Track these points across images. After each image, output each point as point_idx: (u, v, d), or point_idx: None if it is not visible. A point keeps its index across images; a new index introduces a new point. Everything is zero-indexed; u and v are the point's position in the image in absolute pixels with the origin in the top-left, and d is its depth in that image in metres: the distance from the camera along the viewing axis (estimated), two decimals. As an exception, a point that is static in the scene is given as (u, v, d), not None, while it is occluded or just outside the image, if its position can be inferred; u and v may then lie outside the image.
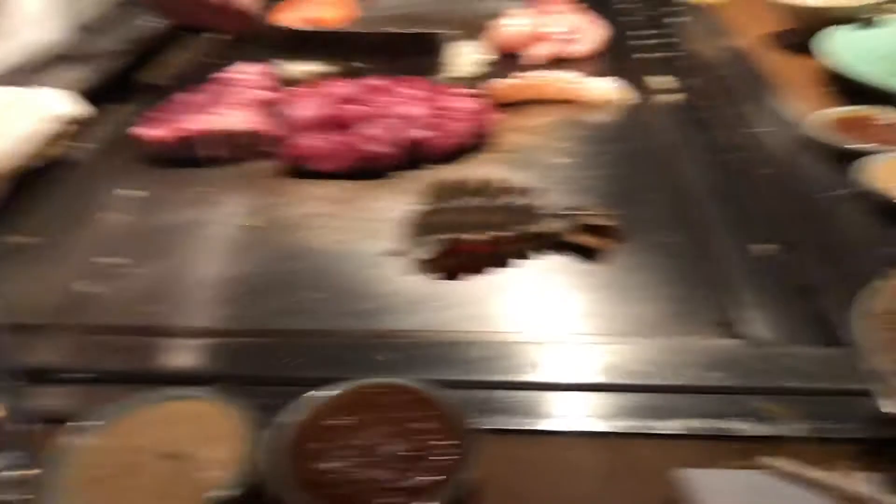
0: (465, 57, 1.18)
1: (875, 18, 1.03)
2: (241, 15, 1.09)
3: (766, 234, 0.71)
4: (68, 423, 0.46)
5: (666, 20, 1.20)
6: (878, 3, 1.03)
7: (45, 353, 0.60)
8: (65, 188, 0.89)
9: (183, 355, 0.59)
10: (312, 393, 0.47)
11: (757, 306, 0.62)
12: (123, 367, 0.58)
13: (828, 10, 1.02)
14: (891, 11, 1.07)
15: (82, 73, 1.07)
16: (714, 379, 0.53)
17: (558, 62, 1.18)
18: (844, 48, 0.96)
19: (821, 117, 0.80)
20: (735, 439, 0.49)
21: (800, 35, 1.07)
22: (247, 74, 1.04)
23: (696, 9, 1.22)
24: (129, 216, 0.84)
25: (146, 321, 0.67)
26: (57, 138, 0.90)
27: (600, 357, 0.56)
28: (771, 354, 0.55)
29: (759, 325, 0.61)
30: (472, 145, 0.94)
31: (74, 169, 0.92)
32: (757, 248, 0.69)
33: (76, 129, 0.91)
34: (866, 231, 0.66)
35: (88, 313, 0.69)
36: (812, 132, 0.78)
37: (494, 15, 1.26)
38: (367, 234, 0.79)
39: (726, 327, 0.62)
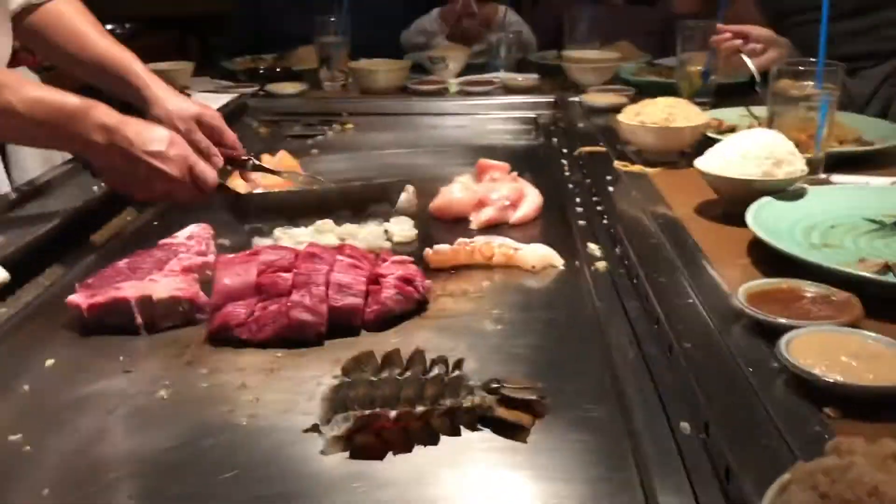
0: (400, 223, 1.20)
1: (799, 190, 1.07)
2: (201, 184, 1.10)
3: (689, 410, 0.69)
4: None
5: (601, 188, 1.24)
6: (802, 176, 1.08)
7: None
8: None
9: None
10: None
11: (676, 491, 0.60)
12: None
13: (754, 181, 1.06)
14: (813, 183, 1.12)
15: (18, 235, 1.06)
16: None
17: (498, 227, 1.21)
18: (769, 219, 0.99)
19: (747, 289, 0.81)
20: None
21: (728, 205, 1.10)
22: (182, 241, 1.04)
23: (630, 177, 1.27)
24: (41, 387, 0.81)
25: (34, 508, 0.63)
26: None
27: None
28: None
29: (677, 511, 0.58)
30: (405, 311, 0.93)
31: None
32: (679, 427, 0.67)
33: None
34: (789, 411, 0.65)
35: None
36: (738, 305, 0.79)
37: (442, 179, 1.30)
38: (287, 408, 0.76)
39: (646, 514, 0.60)
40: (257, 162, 1.30)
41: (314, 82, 2.12)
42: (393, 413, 0.70)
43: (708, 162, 1.11)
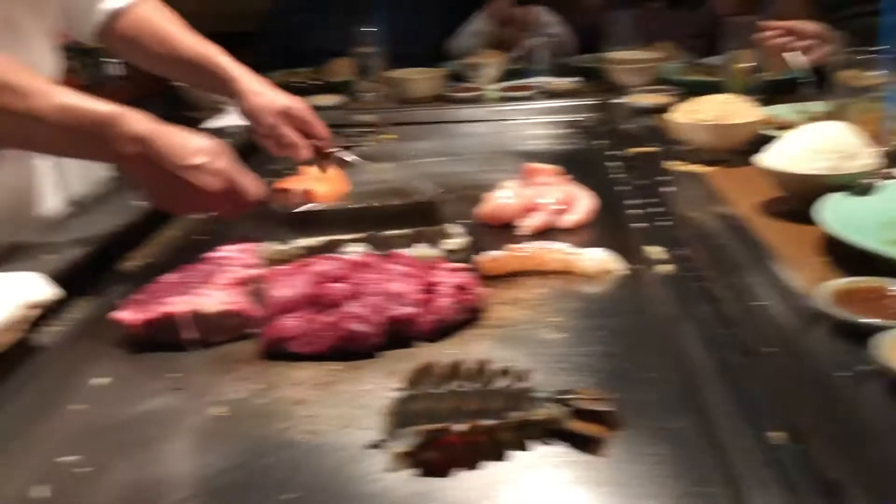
0: (453, 231, 1.16)
1: (870, 185, 1.02)
2: (244, 199, 1.02)
3: (776, 419, 0.65)
4: None
5: (657, 189, 1.19)
6: (872, 170, 1.03)
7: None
8: (27, 377, 0.84)
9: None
10: None
11: (775, 505, 0.56)
12: None
13: (822, 177, 1.01)
14: (885, 178, 1.06)
15: (64, 255, 1.05)
16: None
17: (549, 233, 1.17)
18: (841, 216, 0.94)
19: (826, 289, 0.77)
20: None
21: (794, 202, 1.05)
22: (230, 254, 1.02)
23: (686, 177, 1.22)
24: (94, 407, 0.79)
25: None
26: (21, 323, 0.86)
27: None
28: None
29: (776, 528, 0.54)
30: (461, 321, 0.90)
31: (37, 356, 0.87)
32: (768, 437, 0.63)
33: (40, 313, 0.88)
34: (890, 415, 0.61)
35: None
36: (820, 305, 0.74)
37: (485, 186, 1.27)
38: (346, 424, 0.73)
39: (741, 531, 0.56)
40: (345, 157, 1.25)
41: (351, 94, 2.11)
42: (462, 428, 0.66)
43: (772, 158, 1.06)
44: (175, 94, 1.75)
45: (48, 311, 0.91)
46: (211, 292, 0.92)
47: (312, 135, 1.18)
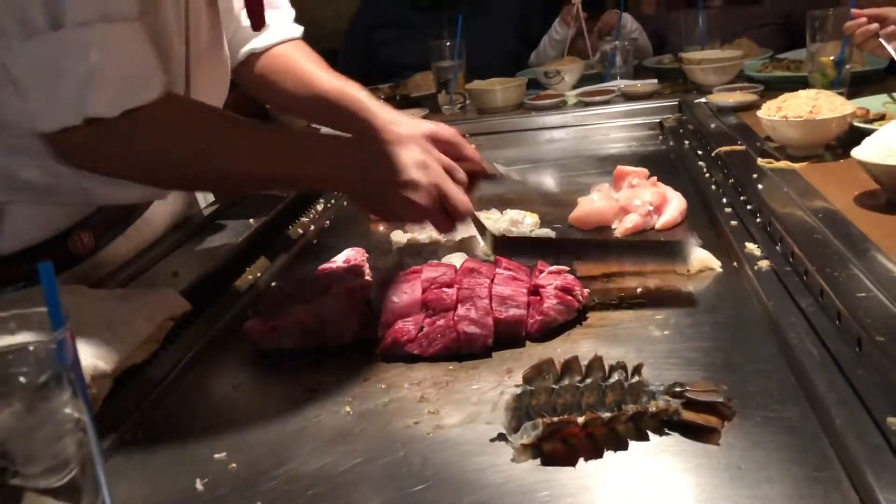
0: (544, 234, 1.20)
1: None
2: (453, 214, 0.99)
3: (892, 406, 0.66)
4: None
5: (748, 187, 1.21)
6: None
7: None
8: (169, 383, 0.91)
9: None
10: None
11: (894, 487, 0.58)
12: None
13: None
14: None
15: (191, 271, 1.13)
16: (864, 574, 0.48)
17: (642, 234, 1.20)
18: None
19: (930, 277, 0.78)
20: None
21: (892, 194, 1.05)
22: (341, 263, 1.09)
23: (778, 174, 1.23)
24: (231, 409, 0.86)
25: (254, 519, 0.66)
26: (157, 335, 0.94)
27: (731, 550, 0.52)
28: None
29: (901, 508, 0.56)
30: (566, 321, 0.94)
31: (176, 364, 0.95)
32: (887, 422, 0.64)
33: (173, 324, 0.95)
34: None
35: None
36: (924, 294, 0.76)
37: (574, 191, 1.30)
38: (468, 419, 0.78)
39: (865, 512, 0.58)
40: (498, 171, 1.16)
41: (433, 107, 2.17)
42: (581, 419, 0.70)
43: (868, 152, 1.07)
44: (270, 118, 1.83)
45: (183, 323, 0.99)
46: (328, 301, 0.98)
47: (462, 157, 1.09)
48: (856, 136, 1.20)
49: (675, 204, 1.23)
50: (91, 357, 0.81)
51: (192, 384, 0.92)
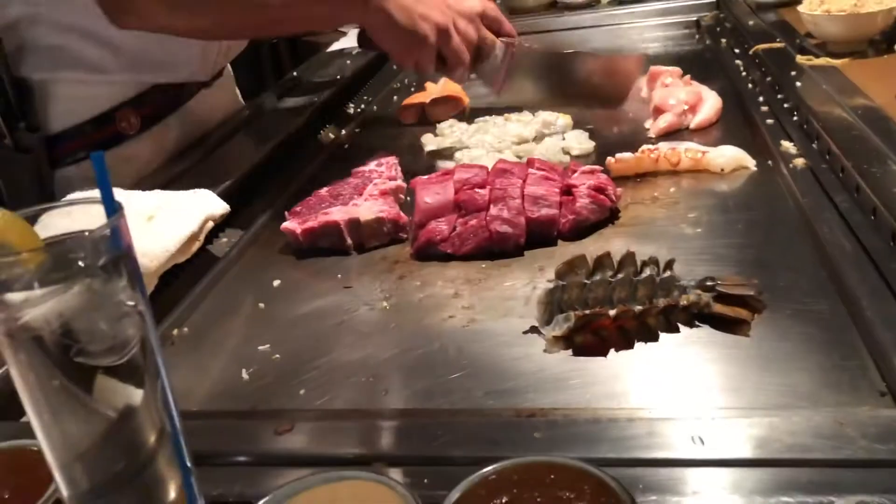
0: (577, 136, 1.20)
1: None
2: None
3: (923, 298, 0.67)
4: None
5: (787, 85, 1.18)
6: None
7: (205, 439, 0.63)
8: (210, 281, 0.94)
9: (337, 437, 0.61)
10: (480, 471, 0.47)
11: (924, 373, 0.59)
12: (281, 450, 0.60)
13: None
14: None
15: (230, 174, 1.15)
16: (886, 452, 0.50)
17: (677, 134, 1.19)
18: None
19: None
20: (919, 517, 0.46)
21: (935, 90, 1.03)
22: (374, 167, 1.09)
23: (818, 71, 1.20)
24: (271, 305, 0.89)
25: (298, 405, 0.70)
26: (199, 235, 0.96)
27: (757, 430, 0.54)
28: (948, 424, 0.52)
29: (927, 394, 0.57)
30: (599, 220, 0.94)
31: (218, 264, 0.98)
32: (916, 313, 0.65)
33: (214, 225, 0.98)
34: None
35: (241, 399, 0.72)
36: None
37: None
38: (501, 314, 0.80)
39: (891, 397, 0.59)
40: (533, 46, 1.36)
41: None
42: (612, 312, 0.72)
43: (913, 45, 1.03)
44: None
45: (221, 224, 1.01)
46: (363, 202, 1.00)
47: (501, 33, 1.27)
48: (901, 30, 1.16)
49: (710, 103, 1.21)
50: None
51: (233, 281, 0.96)
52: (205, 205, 0.97)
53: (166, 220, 0.93)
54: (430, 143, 1.29)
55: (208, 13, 1.10)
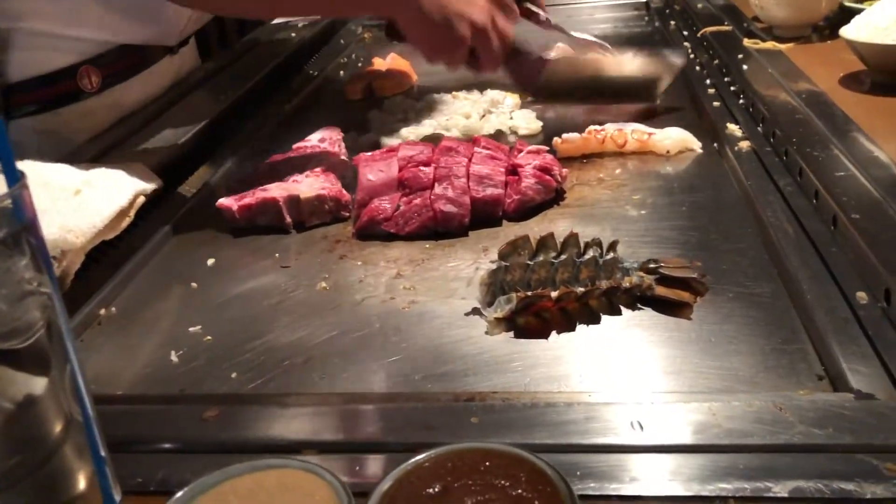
0: (524, 116, 1.18)
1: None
2: (502, 35, 1.07)
3: (862, 282, 0.67)
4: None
5: (733, 68, 1.18)
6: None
7: (128, 425, 0.60)
8: (141, 259, 0.90)
9: (266, 423, 0.58)
10: (414, 458, 0.45)
11: (860, 358, 0.59)
12: (207, 437, 0.58)
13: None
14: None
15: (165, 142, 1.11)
16: (824, 437, 0.50)
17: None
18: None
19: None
20: (855, 502, 0.46)
21: (878, 75, 1.04)
22: (316, 142, 1.06)
23: (764, 55, 1.20)
24: (205, 285, 0.85)
25: (228, 390, 0.67)
26: (129, 210, 0.92)
27: (696, 415, 0.53)
28: (884, 409, 0.52)
29: (864, 378, 0.57)
30: (544, 201, 0.93)
31: (149, 241, 0.93)
32: (856, 297, 0.65)
33: (146, 201, 0.93)
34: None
35: (169, 383, 0.69)
36: (902, 173, 0.75)
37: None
38: (443, 295, 0.78)
39: (829, 381, 0.59)
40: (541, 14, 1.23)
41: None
42: (554, 293, 0.71)
43: (856, 30, 1.04)
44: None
45: (155, 200, 0.97)
46: (304, 178, 0.97)
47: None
48: (845, 16, 1.17)
49: (657, 85, 1.20)
50: (60, 230, 0.80)
51: (165, 260, 0.92)
52: (136, 179, 0.93)
53: (94, 195, 0.88)
54: (375, 118, 1.26)
55: None
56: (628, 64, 1.19)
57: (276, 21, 1.83)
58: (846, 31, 1.05)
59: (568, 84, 1.19)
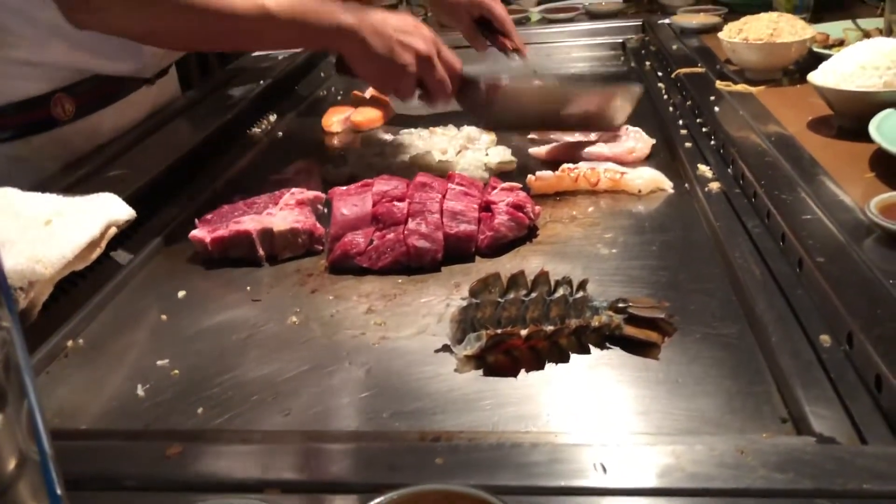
0: (498, 151, 1.19)
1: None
2: (449, 68, 1.11)
3: (827, 324, 0.68)
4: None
5: (705, 109, 1.20)
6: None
7: (89, 461, 0.59)
8: (111, 291, 0.90)
9: (229, 461, 0.58)
10: (376, 499, 0.45)
11: (823, 402, 0.59)
12: (169, 475, 0.57)
13: (877, 93, 1.01)
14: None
15: (138, 178, 1.10)
16: (784, 481, 0.50)
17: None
18: (892, 131, 0.94)
19: (879, 202, 0.79)
20: (814, 548, 0.46)
21: (844, 120, 1.06)
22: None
23: (735, 97, 1.23)
24: (174, 317, 0.85)
25: (194, 426, 0.66)
26: (100, 241, 0.91)
27: (660, 458, 0.54)
28: (845, 454, 0.52)
29: (826, 422, 0.58)
30: (517, 238, 0.94)
31: (120, 272, 0.93)
32: (819, 340, 0.66)
33: (117, 232, 0.93)
34: (934, 320, 0.64)
35: (134, 418, 0.68)
36: (870, 217, 0.77)
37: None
38: (414, 331, 0.78)
39: (792, 424, 0.60)
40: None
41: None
42: (524, 332, 0.71)
43: (823, 76, 1.07)
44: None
45: (127, 231, 0.97)
46: (278, 212, 0.97)
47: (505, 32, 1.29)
48: (814, 61, 1.20)
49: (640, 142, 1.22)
50: (29, 260, 0.79)
51: (136, 291, 0.91)
52: (107, 210, 0.93)
53: (65, 225, 0.88)
54: (351, 152, 1.26)
55: (167, 19, 1.04)
56: (580, 91, 1.22)
57: (256, 53, 1.84)
58: (814, 77, 1.08)
59: (521, 112, 1.21)
